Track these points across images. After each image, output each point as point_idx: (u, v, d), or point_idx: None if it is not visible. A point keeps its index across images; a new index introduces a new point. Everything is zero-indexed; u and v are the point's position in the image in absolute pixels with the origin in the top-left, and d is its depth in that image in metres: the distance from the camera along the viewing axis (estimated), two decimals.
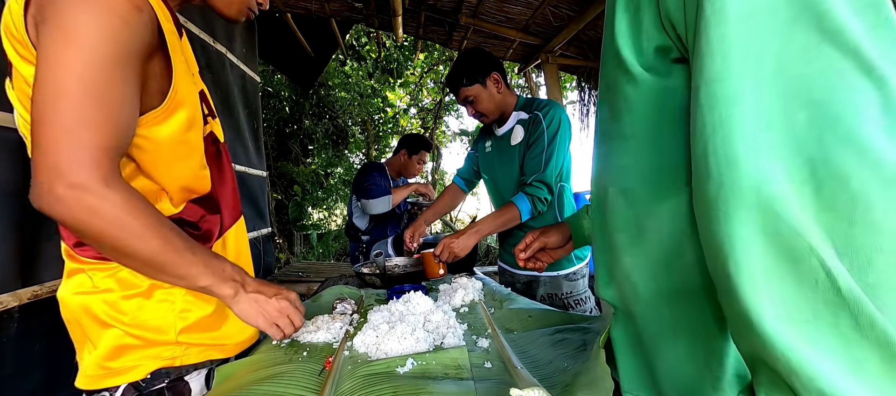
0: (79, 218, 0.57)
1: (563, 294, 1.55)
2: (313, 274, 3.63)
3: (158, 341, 0.74)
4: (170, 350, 0.76)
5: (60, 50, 0.56)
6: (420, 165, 2.56)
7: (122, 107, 0.61)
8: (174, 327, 0.75)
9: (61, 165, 0.55)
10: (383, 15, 3.43)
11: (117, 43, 0.58)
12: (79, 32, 0.56)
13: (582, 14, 2.89)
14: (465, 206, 8.82)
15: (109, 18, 0.57)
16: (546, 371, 0.74)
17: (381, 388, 0.68)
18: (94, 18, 0.57)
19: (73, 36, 0.56)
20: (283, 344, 0.92)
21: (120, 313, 0.72)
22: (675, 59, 0.45)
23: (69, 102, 0.56)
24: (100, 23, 0.57)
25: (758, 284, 0.33)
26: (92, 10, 0.56)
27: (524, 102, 1.59)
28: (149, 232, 0.61)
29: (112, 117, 0.59)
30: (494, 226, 1.52)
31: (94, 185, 0.56)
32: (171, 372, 0.77)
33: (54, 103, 0.55)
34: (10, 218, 1.08)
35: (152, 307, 0.74)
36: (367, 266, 1.74)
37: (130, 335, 0.72)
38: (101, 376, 0.72)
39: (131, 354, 0.73)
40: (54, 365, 1.20)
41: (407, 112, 8.36)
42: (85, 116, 0.56)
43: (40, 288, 1.14)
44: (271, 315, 0.75)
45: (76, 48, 0.56)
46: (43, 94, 0.56)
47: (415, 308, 1.01)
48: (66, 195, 0.55)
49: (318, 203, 6.96)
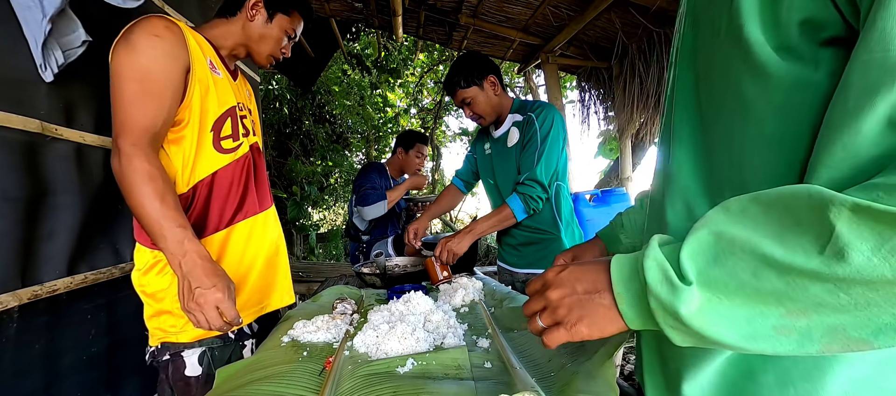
0: (116, 171, 0.83)
1: None
2: (313, 274, 3.63)
3: (162, 310, 0.95)
4: (172, 323, 0.95)
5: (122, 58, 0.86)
6: (419, 158, 2.53)
7: (160, 99, 0.87)
8: (169, 292, 0.94)
9: (118, 134, 0.84)
10: (383, 15, 3.43)
11: (159, 49, 0.87)
12: (129, 47, 0.86)
13: (582, 14, 2.89)
14: (466, 206, 8.82)
15: (151, 36, 0.87)
16: (545, 369, 0.74)
17: (382, 388, 0.68)
18: (145, 37, 0.87)
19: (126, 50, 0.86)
20: (283, 343, 0.92)
21: (143, 286, 0.97)
22: (827, 39, 0.33)
23: (124, 95, 0.85)
24: (146, 39, 0.87)
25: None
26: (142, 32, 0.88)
27: (519, 105, 1.61)
28: (145, 191, 0.81)
29: (156, 104, 0.87)
30: (489, 226, 1.55)
31: (133, 150, 0.82)
32: (172, 347, 0.95)
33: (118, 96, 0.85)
34: (10, 218, 1.08)
35: (159, 280, 0.95)
36: (368, 266, 1.74)
37: (151, 306, 0.97)
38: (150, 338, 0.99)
39: (151, 324, 0.97)
40: (54, 365, 1.20)
41: (407, 112, 8.36)
42: (136, 98, 0.85)
43: (40, 288, 1.14)
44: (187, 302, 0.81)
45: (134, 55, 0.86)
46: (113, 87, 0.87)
47: (415, 308, 1.02)
48: (116, 154, 0.83)
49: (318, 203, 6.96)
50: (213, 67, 1.01)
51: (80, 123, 1.29)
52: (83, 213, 1.29)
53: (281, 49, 1.12)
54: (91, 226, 1.32)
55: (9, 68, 1.08)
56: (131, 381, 1.47)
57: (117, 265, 1.42)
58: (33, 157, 1.14)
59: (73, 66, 1.19)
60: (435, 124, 8.19)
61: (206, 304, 0.80)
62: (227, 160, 1.02)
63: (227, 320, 0.82)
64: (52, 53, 1.11)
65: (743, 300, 0.33)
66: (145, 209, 0.80)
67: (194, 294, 0.79)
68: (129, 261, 1.48)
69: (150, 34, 0.87)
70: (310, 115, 6.74)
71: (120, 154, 0.82)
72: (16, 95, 1.10)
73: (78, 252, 1.27)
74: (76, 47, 1.15)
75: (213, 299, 0.80)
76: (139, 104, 0.84)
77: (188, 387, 0.96)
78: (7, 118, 1.07)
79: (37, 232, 1.15)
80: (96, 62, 1.34)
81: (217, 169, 1.00)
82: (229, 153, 1.03)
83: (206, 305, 0.80)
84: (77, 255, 1.27)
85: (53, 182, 1.19)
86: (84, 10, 1.19)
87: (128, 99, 0.84)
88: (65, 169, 1.23)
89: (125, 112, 0.84)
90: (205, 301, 0.80)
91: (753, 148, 0.40)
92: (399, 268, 1.71)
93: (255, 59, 1.10)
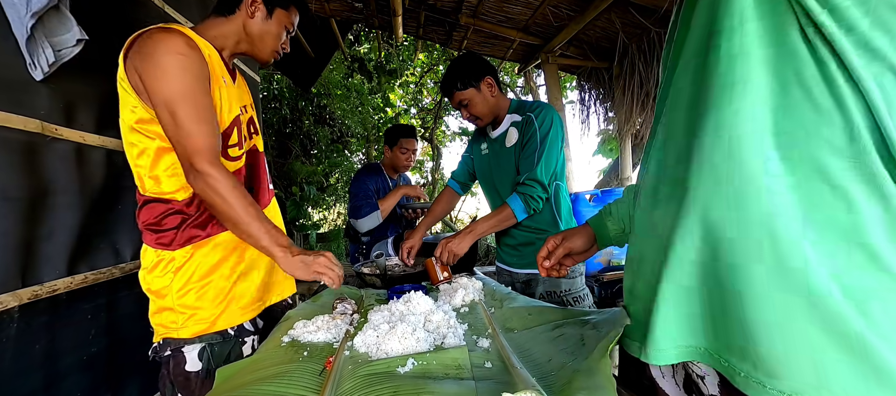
0: (205, 192, 0.89)
1: (561, 292, 1.56)
2: None
3: (164, 306, 0.98)
4: (173, 320, 0.97)
5: (162, 83, 0.87)
6: (405, 153, 2.45)
7: (211, 115, 0.93)
8: (175, 288, 0.98)
9: (191, 158, 0.88)
10: (383, 15, 3.43)
11: (190, 70, 0.90)
12: (167, 68, 0.87)
13: (582, 14, 2.89)
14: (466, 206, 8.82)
15: (178, 56, 0.88)
16: (545, 368, 0.74)
17: (382, 388, 0.68)
18: (172, 56, 0.88)
19: (165, 71, 0.87)
20: (284, 343, 0.92)
21: (149, 285, 1.00)
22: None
23: (181, 118, 0.88)
24: (175, 59, 0.88)
25: None
26: (168, 52, 0.88)
27: (517, 105, 1.61)
28: (238, 204, 0.90)
29: (209, 121, 0.92)
30: (489, 226, 1.55)
31: (212, 170, 0.88)
32: (173, 343, 0.98)
33: (174, 118, 0.88)
34: (11, 218, 1.08)
35: (163, 279, 0.98)
36: (368, 266, 1.74)
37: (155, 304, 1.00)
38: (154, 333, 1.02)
39: (154, 321, 1.00)
40: (55, 365, 1.20)
41: (407, 112, 8.36)
42: (194, 121, 0.88)
43: (40, 288, 1.14)
44: (316, 268, 0.94)
45: (170, 78, 0.87)
46: (165, 115, 0.89)
47: (415, 308, 1.02)
48: (198, 177, 0.89)
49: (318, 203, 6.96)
50: (224, 79, 1.03)
51: (80, 123, 1.29)
52: (83, 213, 1.29)
53: (281, 45, 1.11)
54: (91, 226, 1.32)
55: (9, 68, 1.08)
56: (132, 381, 1.47)
57: (117, 264, 1.42)
58: (33, 157, 1.14)
59: (72, 65, 1.19)
60: (435, 124, 8.19)
61: (328, 262, 0.95)
62: (233, 168, 1.04)
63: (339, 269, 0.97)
64: (43, 52, 1.10)
65: None
66: (243, 218, 0.90)
67: (317, 262, 0.94)
68: (129, 261, 1.48)
69: (177, 53, 0.88)
70: (310, 115, 6.74)
71: (203, 176, 0.89)
72: (16, 96, 1.10)
73: (78, 252, 1.27)
74: (71, 46, 1.13)
75: (328, 256, 0.96)
76: (199, 124, 0.89)
77: (188, 382, 0.98)
78: (7, 118, 1.07)
79: (37, 232, 1.15)
80: (97, 62, 1.34)
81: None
82: (236, 161, 1.06)
83: (327, 263, 0.95)
84: (77, 255, 1.27)
85: (53, 182, 1.19)
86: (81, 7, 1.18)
87: (186, 122, 0.88)
88: (65, 169, 1.23)
89: (191, 136, 0.88)
90: (325, 260, 0.95)
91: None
92: (399, 268, 1.71)
93: (258, 56, 1.10)
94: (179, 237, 0.99)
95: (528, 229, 1.59)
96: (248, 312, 1.08)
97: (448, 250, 1.47)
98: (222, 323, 1.02)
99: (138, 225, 1.02)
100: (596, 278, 2.22)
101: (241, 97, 1.12)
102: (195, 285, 1.00)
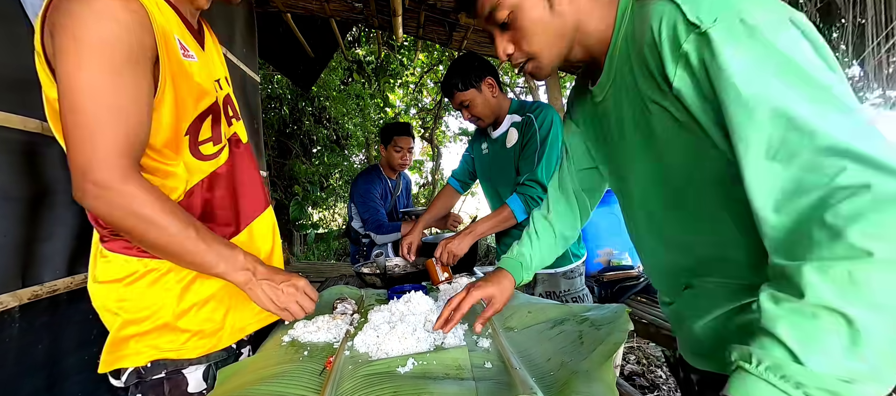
0: (103, 211, 0.65)
1: (560, 292, 1.56)
2: (313, 274, 3.62)
3: (156, 326, 0.79)
4: (169, 340, 0.80)
5: (71, 61, 0.62)
6: (400, 151, 2.42)
7: (134, 106, 0.66)
8: (171, 308, 0.79)
9: (85, 165, 0.63)
10: (383, 15, 3.43)
11: (116, 45, 0.63)
12: (82, 40, 0.62)
13: None
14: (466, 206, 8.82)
15: (105, 22, 0.62)
16: (544, 368, 0.74)
17: (382, 388, 0.68)
18: (94, 24, 0.62)
19: (78, 44, 0.62)
20: (284, 343, 0.92)
21: (122, 300, 0.78)
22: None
23: (84, 111, 0.63)
24: (99, 28, 0.62)
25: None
26: (89, 19, 0.62)
27: (517, 105, 1.61)
28: (164, 222, 0.67)
29: (124, 119, 0.65)
30: (490, 227, 1.55)
31: (114, 182, 0.64)
32: (169, 365, 0.81)
33: (73, 113, 0.63)
34: (10, 218, 1.08)
35: (152, 292, 0.79)
36: (368, 266, 1.74)
37: (132, 322, 0.78)
38: (109, 361, 0.80)
39: (133, 342, 0.79)
40: (55, 365, 1.20)
41: (407, 112, 8.35)
42: (99, 122, 0.63)
43: (40, 288, 1.14)
44: (281, 301, 0.79)
45: (82, 57, 0.62)
46: (64, 105, 0.63)
47: (415, 308, 1.02)
48: (92, 192, 0.63)
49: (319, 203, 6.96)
50: (185, 50, 0.76)
51: None
52: (83, 213, 1.28)
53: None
54: (91, 226, 1.32)
55: (9, 68, 1.08)
56: None
57: None
58: (33, 157, 1.14)
59: None
60: (435, 124, 8.19)
61: (297, 293, 0.81)
62: (209, 170, 0.84)
63: (312, 297, 0.84)
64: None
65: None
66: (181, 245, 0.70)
67: (282, 291, 0.80)
68: None
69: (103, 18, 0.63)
70: (310, 115, 6.74)
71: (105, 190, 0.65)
72: (16, 96, 1.10)
73: (78, 252, 1.27)
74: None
75: (300, 286, 0.82)
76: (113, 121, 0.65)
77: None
78: (7, 118, 1.07)
79: (37, 232, 1.15)
80: None
81: (195, 184, 0.82)
82: (211, 160, 0.84)
83: (297, 294, 0.81)
84: (77, 255, 1.27)
85: (53, 182, 1.19)
86: None
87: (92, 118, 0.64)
88: (65, 169, 1.23)
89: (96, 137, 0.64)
90: (295, 291, 0.81)
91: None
92: (399, 268, 1.71)
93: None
94: None
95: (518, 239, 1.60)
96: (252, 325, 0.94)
97: (448, 250, 1.47)
98: (228, 338, 0.88)
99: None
100: (596, 278, 2.22)
101: (213, 70, 0.86)
102: (198, 297, 0.83)
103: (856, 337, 0.38)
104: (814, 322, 0.39)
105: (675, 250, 0.70)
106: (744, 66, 0.48)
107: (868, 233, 0.37)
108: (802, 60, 0.47)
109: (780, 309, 0.41)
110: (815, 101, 0.44)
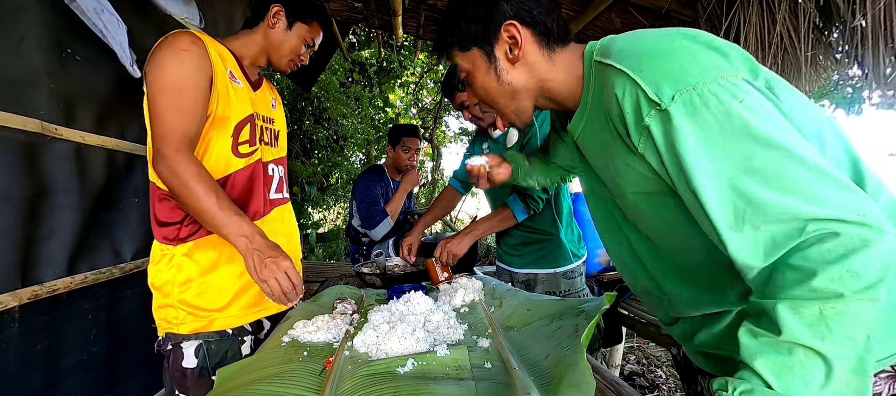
0: (164, 174, 0.89)
1: (561, 292, 1.56)
2: (313, 274, 3.62)
3: (166, 303, 1.00)
4: (173, 313, 1.00)
5: (154, 75, 0.94)
6: (408, 152, 2.45)
7: (192, 107, 0.95)
8: (174, 283, 0.99)
9: (157, 142, 0.91)
10: (383, 15, 3.43)
11: (186, 63, 0.95)
12: (160, 63, 0.94)
13: (582, 13, 2.89)
14: (466, 206, 8.82)
15: (179, 51, 0.95)
16: (542, 366, 0.74)
17: (382, 388, 0.68)
18: (171, 51, 0.95)
19: (157, 67, 0.94)
20: (284, 343, 0.92)
21: (152, 278, 1.03)
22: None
23: (160, 106, 0.93)
24: (174, 54, 0.94)
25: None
26: (169, 48, 0.95)
27: None
28: (193, 185, 0.88)
29: (189, 112, 0.94)
30: (489, 227, 1.55)
31: (177, 155, 0.89)
32: (173, 338, 1.00)
33: (154, 105, 0.93)
34: (11, 218, 1.08)
35: (166, 272, 1.00)
36: (368, 266, 1.74)
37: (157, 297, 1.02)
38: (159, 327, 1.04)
39: (157, 312, 1.03)
40: (56, 365, 1.20)
41: (407, 112, 8.35)
42: (171, 110, 0.92)
43: (40, 288, 1.14)
44: (262, 273, 0.87)
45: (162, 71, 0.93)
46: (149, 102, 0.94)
47: (415, 308, 1.02)
48: (160, 161, 0.89)
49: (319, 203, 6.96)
50: (233, 77, 1.07)
51: (79, 123, 1.29)
52: (83, 213, 1.29)
53: (299, 56, 1.20)
54: (91, 226, 1.32)
55: (9, 68, 1.08)
56: (132, 380, 1.47)
57: (117, 264, 1.42)
58: (33, 157, 1.14)
59: (73, 65, 1.19)
60: (435, 124, 8.18)
61: (278, 270, 0.86)
62: (241, 164, 1.07)
63: (294, 283, 0.89)
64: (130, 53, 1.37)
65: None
66: (203, 204, 0.87)
67: (265, 265, 0.86)
68: (129, 261, 1.48)
69: (177, 49, 0.95)
70: (310, 115, 6.74)
71: (166, 159, 0.89)
72: (16, 95, 1.10)
73: (78, 252, 1.27)
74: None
75: (283, 266, 0.87)
76: (176, 114, 0.93)
77: (184, 378, 1.00)
78: (7, 118, 1.07)
79: (37, 232, 1.15)
80: (97, 62, 1.34)
81: (233, 171, 1.05)
82: (245, 158, 1.08)
83: (277, 271, 0.86)
84: (77, 255, 1.27)
85: (53, 182, 1.19)
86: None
87: (162, 110, 0.92)
88: (65, 169, 1.23)
89: (163, 122, 0.92)
90: (277, 268, 0.86)
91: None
92: (399, 268, 1.71)
93: (275, 64, 1.18)
94: (182, 233, 1.00)
95: (528, 229, 1.59)
96: (249, 314, 1.08)
97: (447, 250, 1.47)
98: (220, 324, 1.02)
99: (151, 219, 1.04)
100: (596, 278, 2.22)
101: (259, 105, 1.16)
102: (196, 282, 1.00)
103: (829, 370, 0.43)
104: (789, 357, 0.44)
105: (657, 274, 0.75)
106: (702, 142, 0.51)
107: (836, 276, 0.42)
108: (759, 124, 0.49)
109: (758, 343, 0.46)
110: (775, 163, 0.48)
